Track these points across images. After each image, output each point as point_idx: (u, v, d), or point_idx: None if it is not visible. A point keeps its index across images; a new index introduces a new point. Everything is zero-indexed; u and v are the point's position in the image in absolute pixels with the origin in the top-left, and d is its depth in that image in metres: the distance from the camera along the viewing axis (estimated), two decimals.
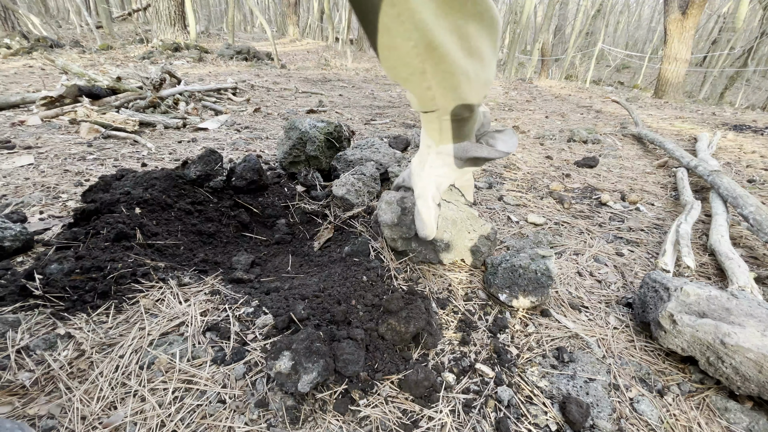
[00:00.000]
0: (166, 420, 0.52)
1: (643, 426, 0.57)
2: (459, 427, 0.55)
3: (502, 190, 1.47)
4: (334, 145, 1.38)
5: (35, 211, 1.05)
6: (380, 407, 0.56)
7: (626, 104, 3.49)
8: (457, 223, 0.85)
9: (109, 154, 1.56)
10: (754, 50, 10.39)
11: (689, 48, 5.68)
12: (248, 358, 0.62)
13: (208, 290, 0.75)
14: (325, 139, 1.35)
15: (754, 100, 11.65)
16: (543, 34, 9.44)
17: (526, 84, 6.49)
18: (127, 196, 0.95)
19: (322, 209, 1.15)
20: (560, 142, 2.35)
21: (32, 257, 0.82)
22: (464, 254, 0.88)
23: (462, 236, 0.86)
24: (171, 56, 4.91)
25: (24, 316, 0.64)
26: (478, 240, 0.86)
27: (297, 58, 7.24)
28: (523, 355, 0.69)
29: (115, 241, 0.82)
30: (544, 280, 0.77)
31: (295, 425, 0.53)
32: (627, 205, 1.42)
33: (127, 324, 0.66)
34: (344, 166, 1.31)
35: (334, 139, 1.37)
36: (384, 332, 0.65)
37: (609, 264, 1.01)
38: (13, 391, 0.53)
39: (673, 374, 0.67)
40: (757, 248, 1.13)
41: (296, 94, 3.39)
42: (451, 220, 0.84)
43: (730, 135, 2.76)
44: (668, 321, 0.67)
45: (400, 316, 0.65)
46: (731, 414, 0.59)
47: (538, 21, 16.07)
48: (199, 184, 1.10)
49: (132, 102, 2.19)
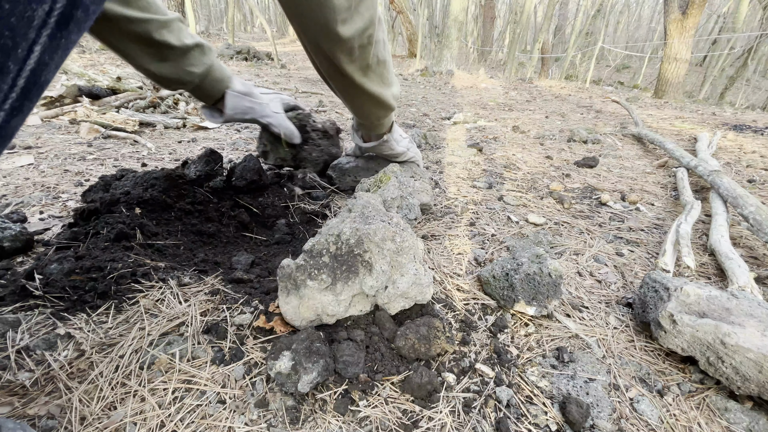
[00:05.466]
0: (166, 420, 0.52)
1: (643, 426, 0.57)
2: (459, 427, 0.55)
3: (502, 190, 1.47)
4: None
5: (35, 211, 1.05)
6: (380, 407, 0.56)
7: (626, 104, 3.49)
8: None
9: (109, 154, 1.56)
10: (754, 50, 10.39)
11: (689, 48, 5.69)
12: (248, 358, 0.62)
13: (208, 290, 0.75)
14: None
15: (754, 100, 11.65)
16: (543, 34, 9.44)
17: (526, 84, 6.49)
18: (127, 196, 0.95)
19: (322, 209, 1.15)
20: (560, 142, 2.35)
21: (32, 257, 0.82)
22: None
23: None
24: None
25: (24, 316, 0.64)
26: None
27: (297, 58, 7.24)
28: (523, 356, 0.69)
29: (115, 241, 0.82)
30: (557, 279, 0.77)
31: (295, 425, 0.53)
32: (627, 205, 1.42)
33: (127, 324, 0.66)
34: (340, 175, 1.29)
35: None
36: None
37: (609, 264, 1.01)
38: (13, 391, 0.53)
39: (673, 374, 0.67)
40: (757, 248, 1.13)
41: (296, 94, 3.39)
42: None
43: (730, 135, 2.76)
44: (668, 321, 0.67)
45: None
46: (731, 414, 0.59)
47: (538, 21, 16.07)
48: (199, 184, 1.10)
49: (132, 102, 2.19)
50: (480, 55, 13.41)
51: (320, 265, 0.62)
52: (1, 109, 0.27)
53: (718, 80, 10.87)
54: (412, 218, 1.03)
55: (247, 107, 1.09)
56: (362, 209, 0.71)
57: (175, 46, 0.90)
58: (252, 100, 1.10)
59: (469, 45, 14.41)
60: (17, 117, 0.28)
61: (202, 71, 0.97)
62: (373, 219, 0.66)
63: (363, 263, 0.62)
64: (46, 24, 0.26)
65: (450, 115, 2.96)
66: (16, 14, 0.24)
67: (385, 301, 0.66)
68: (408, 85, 5.11)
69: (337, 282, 0.61)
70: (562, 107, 4.01)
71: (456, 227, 1.13)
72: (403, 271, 0.65)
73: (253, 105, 1.10)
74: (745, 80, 11.38)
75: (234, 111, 1.07)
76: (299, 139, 1.24)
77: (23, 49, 0.25)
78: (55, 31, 0.26)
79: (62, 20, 0.26)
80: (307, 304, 0.62)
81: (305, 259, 0.62)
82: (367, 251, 0.62)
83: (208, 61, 0.98)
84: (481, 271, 0.86)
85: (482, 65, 9.87)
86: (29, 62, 0.26)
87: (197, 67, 0.96)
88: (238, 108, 1.07)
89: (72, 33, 0.28)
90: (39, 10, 0.25)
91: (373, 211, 0.70)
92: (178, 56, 0.92)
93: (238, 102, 1.07)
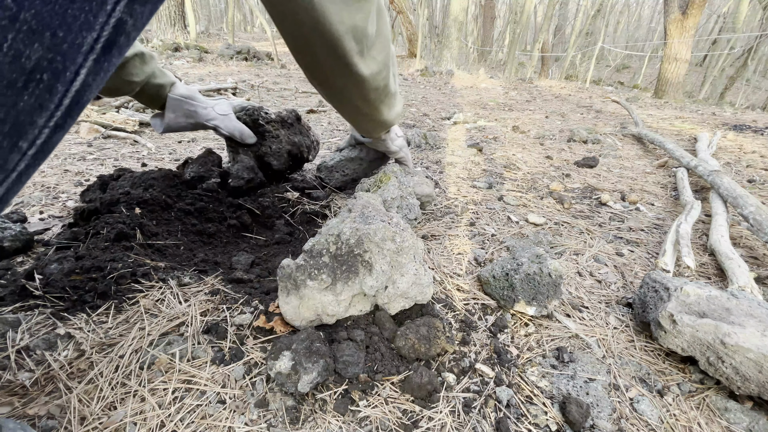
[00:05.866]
0: (166, 420, 0.52)
1: (643, 426, 0.57)
2: (459, 427, 0.55)
3: (502, 190, 1.47)
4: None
5: (35, 211, 1.05)
6: (380, 407, 0.56)
7: (626, 104, 3.49)
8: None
9: (109, 154, 1.56)
10: (754, 50, 10.39)
11: (689, 48, 5.69)
12: (248, 358, 0.62)
13: (208, 290, 0.75)
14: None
15: (754, 100, 11.64)
16: (543, 34, 9.45)
17: (526, 84, 6.50)
18: (127, 196, 0.95)
19: (322, 209, 1.15)
20: (560, 142, 2.35)
21: (32, 257, 0.82)
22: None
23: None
24: (171, 56, 4.91)
25: (24, 316, 0.64)
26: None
27: None
28: (523, 356, 0.69)
29: (115, 241, 0.82)
30: (557, 279, 0.77)
31: (295, 425, 0.53)
32: (627, 205, 1.42)
33: (127, 324, 0.66)
34: (328, 174, 1.28)
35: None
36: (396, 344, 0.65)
37: (609, 264, 1.01)
38: (13, 391, 0.53)
39: (673, 374, 0.67)
40: (757, 248, 1.13)
41: (296, 94, 3.39)
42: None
43: (730, 135, 2.76)
44: (668, 321, 0.67)
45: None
46: (731, 414, 0.59)
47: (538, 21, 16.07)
48: (192, 185, 1.10)
49: (132, 102, 2.18)
50: (480, 55, 13.42)
51: (320, 265, 0.62)
52: (46, 126, 0.29)
53: (718, 80, 10.87)
54: (412, 218, 1.03)
55: (189, 111, 1.07)
56: (362, 209, 0.71)
57: None
58: (194, 104, 1.07)
59: (469, 45, 14.41)
60: (59, 133, 0.30)
61: (141, 79, 0.96)
62: (373, 219, 0.66)
63: (363, 263, 0.62)
64: (93, 50, 0.28)
65: (450, 115, 2.96)
66: (68, 41, 0.26)
67: (385, 301, 0.66)
68: (408, 85, 5.11)
69: (337, 282, 0.61)
70: (562, 107, 4.01)
71: (456, 227, 1.13)
72: (403, 271, 0.65)
73: (196, 109, 1.08)
74: (745, 80, 11.38)
75: (174, 113, 1.05)
76: (252, 137, 1.19)
77: (71, 72, 0.27)
78: (100, 56, 0.28)
79: (107, 46, 0.29)
80: (307, 304, 0.62)
81: (305, 259, 0.62)
82: (367, 251, 0.62)
83: (149, 70, 0.97)
84: (481, 271, 0.86)
85: (482, 65, 9.87)
86: (75, 84, 0.28)
87: (137, 76, 0.95)
88: (179, 110, 1.05)
89: (114, 57, 0.30)
90: (88, 37, 0.27)
91: (373, 211, 0.70)
92: (117, 67, 0.91)
93: (179, 105, 1.05)
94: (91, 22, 0.27)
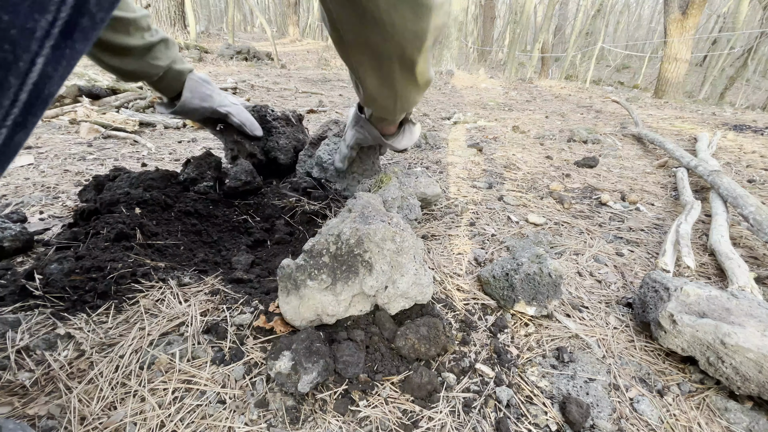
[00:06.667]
0: (166, 420, 0.52)
1: (643, 426, 0.57)
2: (459, 427, 0.55)
3: (502, 190, 1.47)
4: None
5: (35, 211, 1.05)
6: (380, 407, 0.56)
7: (626, 104, 3.49)
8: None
9: (109, 154, 1.56)
10: (754, 50, 10.40)
11: (689, 48, 5.69)
12: (248, 358, 0.62)
13: (208, 290, 0.75)
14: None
15: (754, 100, 11.64)
16: (543, 34, 9.45)
17: (526, 84, 6.49)
18: (127, 196, 0.95)
19: (323, 209, 1.15)
20: (560, 142, 2.35)
21: (32, 257, 0.82)
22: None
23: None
24: None
25: (24, 316, 0.64)
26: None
27: (297, 58, 7.24)
28: (523, 356, 0.69)
29: (115, 241, 0.82)
30: (557, 279, 0.77)
31: (295, 425, 0.53)
32: (627, 205, 1.42)
33: (127, 324, 0.66)
34: (320, 172, 1.26)
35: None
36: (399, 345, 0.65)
37: (609, 264, 1.01)
38: (13, 391, 0.53)
39: (673, 374, 0.67)
40: (757, 248, 1.13)
41: (296, 94, 3.39)
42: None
43: (730, 135, 2.76)
44: (668, 321, 0.67)
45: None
46: (731, 414, 0.59)
47: (538, 21, 16.07)
48: (185, 188, 1.09)
49: (132, 102, 2.19)
50: (480, 55, 13.41)
51: (320, 265, 0.61)
52: (3, 126, 0.25)
53: (718, 80, 10.87)
54: (412, 218, 1.03)
55: (206, 93, 1.10)
56: (362, 209, 0.71)
57: (142, 41, 0.91)
58: (211, 88, 1.11)
59: (469, 45, 14.41)
60: (20, 133, 0.27)
61: (166, 64, 0.98)
62: (373, 219, 0.66)
63: (363, 263, 0.62)
64: (49, 35, 0.24)
65: (450, 115, 2.96)
66: (17, 26, 0.22)
67: (385, 301, 0.66)
68: None
69: (337, 282, 0.61)
70: (562, 107, 4.01)
71: (456, 227, 1.13)
72: (403, 271, 0.65)
73: (212, 93, 1.11)
74: (745, 80, 11.38)
75: (192, 94, 1.06)
76: (260, 130, 1.25)
77: (25, 62, 0.24)
78: (59, 41, 0.25)
79: (67, 30, 0.25)
80: (307, 304, 0.62)
81: (305, 259, 0.62)
82: (367, 251, 0.62)
83: (172, 55, 0.99)
84: (481, 271, 0.86)
85: (482, 65, 9.87)
86: (31, 76, 0.25)
87: (162, 60, 0.97)
88: (196, 92, 1.07)
89: (77, 43, 0.26)
90: (42, 20, 0.23)
91: (373, 211, 0.70)
92: (144, 51, 0.93)
93: (198, 87, 1.07)
94: (44, 3, 0.23)
